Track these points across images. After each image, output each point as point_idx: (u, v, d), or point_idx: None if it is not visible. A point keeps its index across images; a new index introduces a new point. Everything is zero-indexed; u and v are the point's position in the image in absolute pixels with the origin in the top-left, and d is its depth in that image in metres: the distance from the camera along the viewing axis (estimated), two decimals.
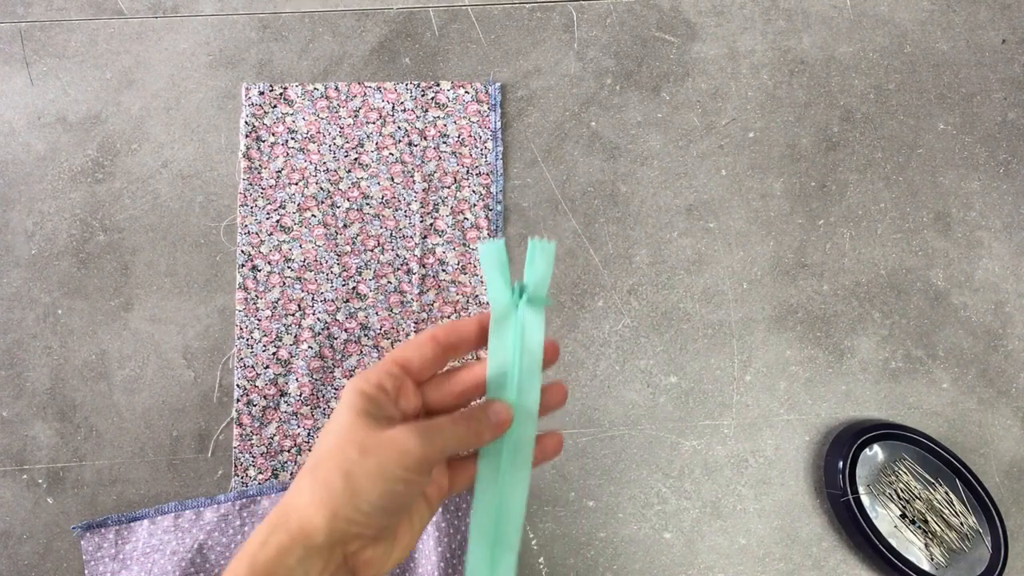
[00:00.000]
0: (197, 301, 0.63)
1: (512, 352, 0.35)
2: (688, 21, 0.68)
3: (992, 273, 0.65)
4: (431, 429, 0.32)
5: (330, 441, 0.32)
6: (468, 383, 0.36)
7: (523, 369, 0.35)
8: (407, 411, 0.34)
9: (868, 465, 0.60)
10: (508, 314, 0.35)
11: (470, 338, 0.35)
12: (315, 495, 0.31)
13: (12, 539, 0.60)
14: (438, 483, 0.35)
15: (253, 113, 0.65)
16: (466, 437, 0.33)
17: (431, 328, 0.35)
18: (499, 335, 0.35)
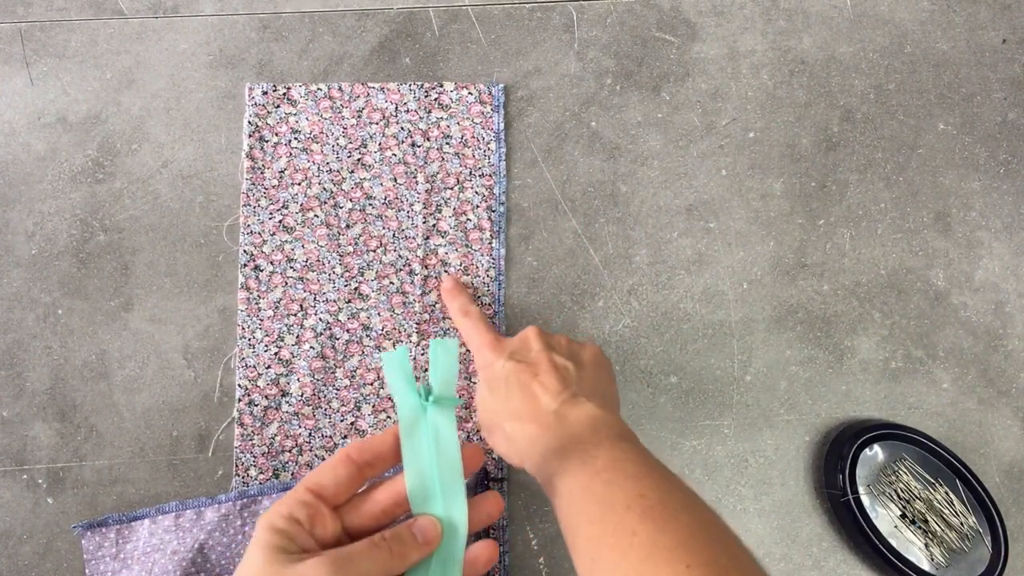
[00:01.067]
0: (197, 301, 0.63)
1: (428, 461, 0.33)
2: (688, 21, 0.68)
3: (992, 273, 0.66)
4: (346, 558, 0.30)
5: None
6: (388, 501, 0.34)
7: (443, 478, 0.33)
8: (325, 539, 0.32)
9: (868, 465, 0.60)
10: (418, 420, 0.33)
11: (386, 453, 0.34)
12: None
13: (12, 539, 0.60)
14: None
15: (256, 113, 0.65)
16: (387, 561, 0.31)
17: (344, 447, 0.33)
18: (412, 444, 0.33)
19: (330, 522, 0.32)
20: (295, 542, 0.30)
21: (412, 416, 0.33)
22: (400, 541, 0.32)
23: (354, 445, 0.33)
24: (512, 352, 0.49)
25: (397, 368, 0.34)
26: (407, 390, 0.33)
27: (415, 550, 0.32)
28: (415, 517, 0.33)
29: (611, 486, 0.35)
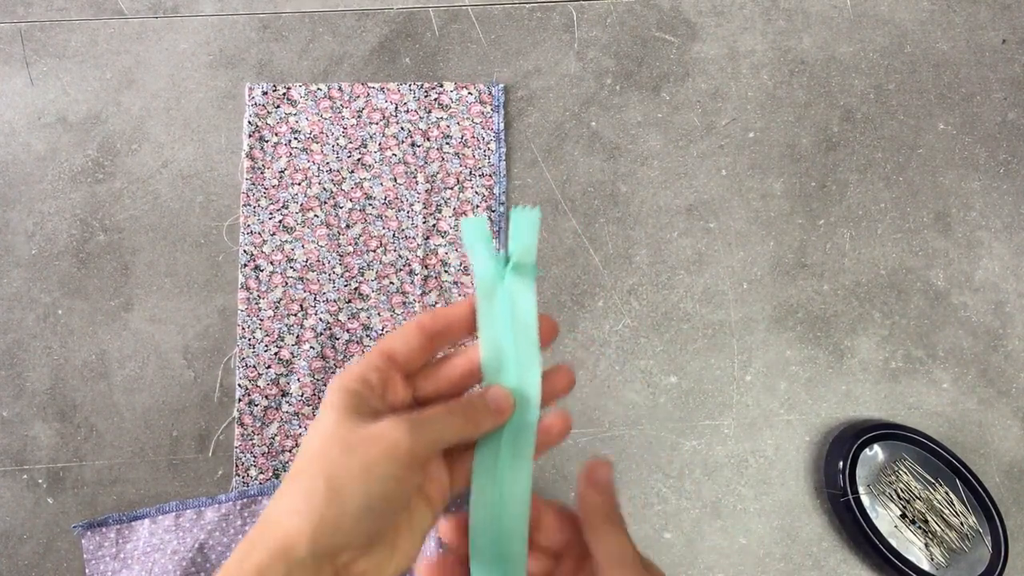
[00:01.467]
0: (197, 301, 0.63)
1: (504, 330, 0.32)
2: (688, 21, 0.69)
3: (992, 273, 0.66)
4: (422, 420, 0.29)
5: (313, 444, 0.29)
6: (462, 370, 0.33)
7: (519, 348, 0.32)
8: (395, 404, 0.31)
9: (868, 465, 0.60)
10: (495, 288, 0.32)
11: (460, 323, 0.32)
12: (295, 504, 0.28)
13: (12, 539, 0.60)
14: (438, 480, 0.31)
15: (256, 113, 0.65)
16: (462, 427, 0.31)
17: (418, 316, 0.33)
18: (488, 312, 0.32)
19: (401, 388, 0.31)
20: (367, 404, 0.30)
21: (489, 283, 0.32)
22: (474, 408, 0.31)
23: (427, 313, 0.32)
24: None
25: (477, 234, 0.32)
26: (486, 256, 0.32)
27: (488, 418, 0.31)
28: (487, 387, 0.32)
29: None
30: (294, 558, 0.27)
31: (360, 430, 0.28)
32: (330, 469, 0.28)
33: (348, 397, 0.29)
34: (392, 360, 0.31)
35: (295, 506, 0.27)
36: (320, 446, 0.29)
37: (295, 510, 0.27)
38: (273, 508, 0.28)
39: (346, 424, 0.29)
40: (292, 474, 0.29)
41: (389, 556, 0.29)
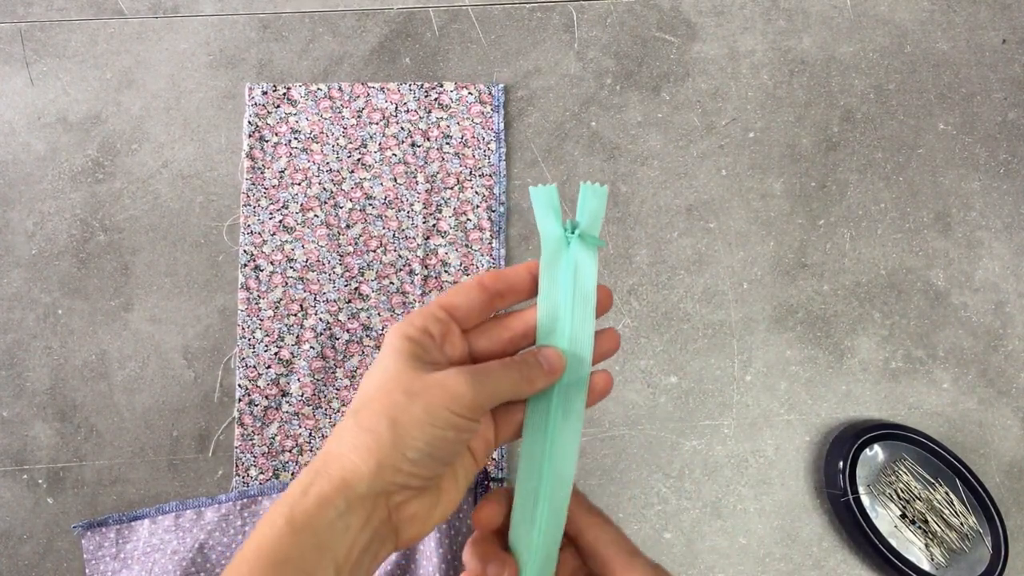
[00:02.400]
0: (197, 301, 0.63)
1: (565, 295, 0.33)
2: (688, 21, 0.68)
3: (992, 273, 0.66)
4: (482, 373, 0.31)
5: (374, 385, 0.30)
6: (517, 330, 0.34)
7: (575, 313, 0.33)
8: (452, 358, 0.32)
9: (868, 465, 0.60)
10: (559, 254, 0.33)
11: (519, 286, 0.34)
12: (358, 441, 0.29)
13: (12, 539, 0.60)
14: (483, 435, 0.33)
15: (256, 113, 0.65)
16: (518, 383, 0.32)
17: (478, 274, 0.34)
18: (551, 276, 0.33)
19: (459, 342, 0.32)
20: (428, 353, 0.31)
21: (555, 248, 0.33)
22: (529, 366, 0.32)
23: (489, 273, 0.33)
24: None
25: (546, 202, 0.33)
26: (554, 222, 0.33)
27: (541, 377, 0.32)
28: (541, 346, 0.33)
29: None
30: (355, 493, 0.28)
31: (424, 378, 0.29)
32: (394, 412, 0.29)
33: (411, 345, 0.30)
34: (452, 314, 0.32)
35: (360, 444, 0.28)
36: (382, 388, 0.30)
37: (360, 448, 0.28)
38: (336, 443, 0.29)
39: (409, 371, 0.30)
40: (354, 410, 0.30)
41: (435, 502, 0.31)
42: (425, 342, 0.31)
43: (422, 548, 0.55)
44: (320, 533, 0.27)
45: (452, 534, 0.55)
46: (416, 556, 0.55)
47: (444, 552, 0.54)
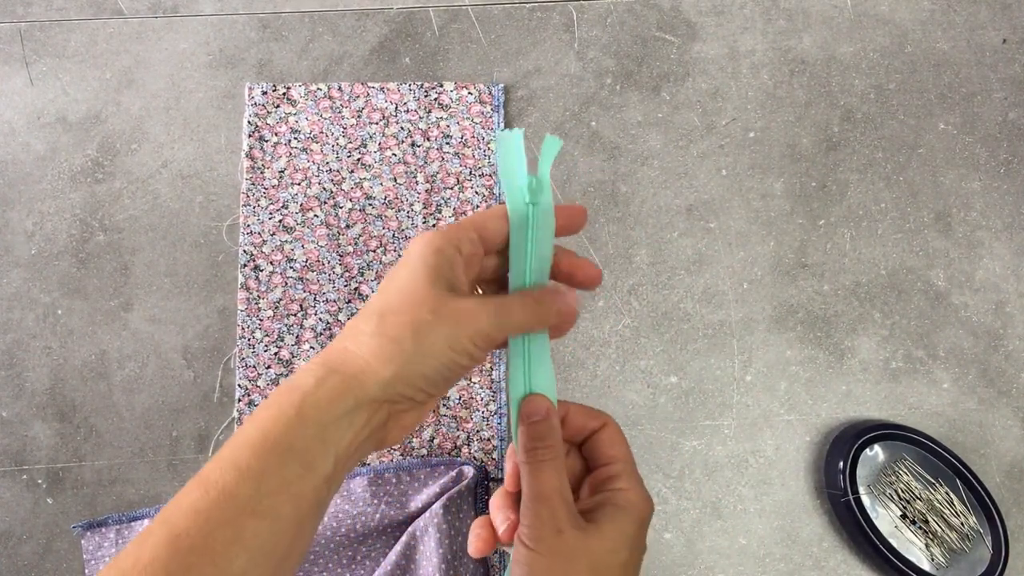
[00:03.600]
0: (197, 301, 0.63)
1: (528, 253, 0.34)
2: (688, 21, 0.68)
3: (993, 273, 0.65)
4: (504, 309, 0.31)
5: (399, 292, 0.30)
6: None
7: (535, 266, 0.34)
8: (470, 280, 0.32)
9: (868, 465, 0.60)
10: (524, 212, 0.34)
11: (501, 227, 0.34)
12: (382, 347, 0.30)
13: (12, 539, 0.60)
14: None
15: (256, 113, 0.65)
16: (531, 322, 0.33)
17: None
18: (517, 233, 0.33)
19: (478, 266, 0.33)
20: (453, 272, 0.31)
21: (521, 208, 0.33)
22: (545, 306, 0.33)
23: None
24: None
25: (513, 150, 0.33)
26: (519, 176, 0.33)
27: (554, 318, 0.33)
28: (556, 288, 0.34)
29: None
30: (366, 395, 0.29)
31: (450, 301, 0.30)
32: (419, 326, 0.30)
33: (439, 260, 0.31)
34: (482, 236, 0.32)
35: (383, 351, 0.29)
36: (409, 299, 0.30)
37: (381, 355, 0.29)
38: (355, 342, 0.30)
39: (435, 289, 0.30)
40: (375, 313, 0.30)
41: (421, 415, 0.32)
42: (455, 260, 0.31)
43: (422, 548, 0.55)
44: (327, 427, 0.28)
45: (452, 534, 0.55)
46: (416, 556, 0.55)
47: (444, 552, 0.54)
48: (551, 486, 0.33)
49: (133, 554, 0.26)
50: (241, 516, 0.27)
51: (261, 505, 0.27)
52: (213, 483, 0.27)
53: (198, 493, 0.27)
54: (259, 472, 0.27)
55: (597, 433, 0.37)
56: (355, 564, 0.57)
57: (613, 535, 0.33)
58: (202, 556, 0.26)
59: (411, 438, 0.61)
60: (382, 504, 0.57)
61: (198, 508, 0.27)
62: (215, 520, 0.27)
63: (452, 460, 0.60)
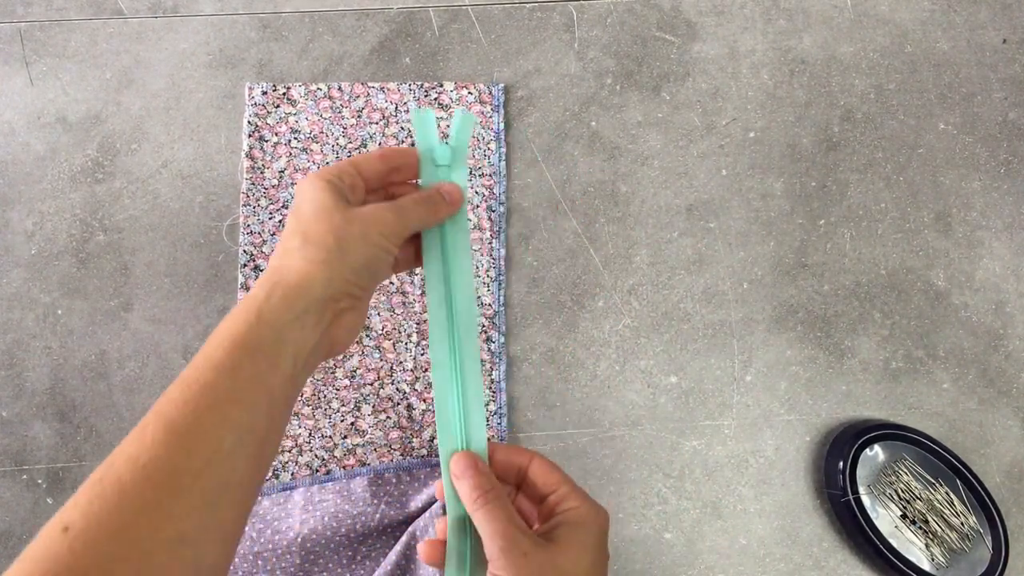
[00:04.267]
0: (197, 301, 0.63)
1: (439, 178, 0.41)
2: (688, 21, 0.68)
3: (993, 273, 0.65)
4: (401, 207, 0.38)
5: (310, 212, 0.36)
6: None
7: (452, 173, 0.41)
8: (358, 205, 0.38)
9: (869, 465, 0.60)
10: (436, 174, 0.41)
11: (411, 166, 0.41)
12: (311, 254, 0.35)
13: (12, 539, 0.60)
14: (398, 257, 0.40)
15: (256, 113, 0.65)
16: (427, 214, 0.39)
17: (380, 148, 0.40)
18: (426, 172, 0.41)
19: (362, 195, 0.39)
20: (347, 193, 0.37)
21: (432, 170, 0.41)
22: (434, 201, 0.40)
23: (388, 148, 0.41)
24: None
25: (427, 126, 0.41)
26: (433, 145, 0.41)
27: (445, 208, 0.40)
28: (440, 183, 0.41)
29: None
30: (312, 296, 0.34)
31: (354, 210, 0.36)
32: (337, 232, 0.35)
33: (331, 185, 0.37)
34: (359, 171, 0.39)
35: (313, 256, 0.35)
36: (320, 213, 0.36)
37: (313, 260, 0.35)
38: (286, 257, 0.35)
39: (339, 203, 0.36)
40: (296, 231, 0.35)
41: (360, 317, 0.38)
42: (342, 187, 0.37)
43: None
44: (283, 329, 0.33)
45: None
46: (416, 556, 0.55)
47: None
48: (504, 519, 0.36)
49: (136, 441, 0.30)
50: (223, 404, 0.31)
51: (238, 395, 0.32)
52: (195, 380, 0.31)
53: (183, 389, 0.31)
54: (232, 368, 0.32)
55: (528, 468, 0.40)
56: (355, 564, 0.57)
57: (574, 547, 0.36)
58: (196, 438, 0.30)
59: (411, 438, 0.61)
60: (382, 504, 0.57)
61: (186, 399, 0.31)
62: (202, 408, 0.31)
63: None
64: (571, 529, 0.38)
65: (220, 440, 0.31)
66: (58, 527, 0.27)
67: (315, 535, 0.56)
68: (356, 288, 0.36)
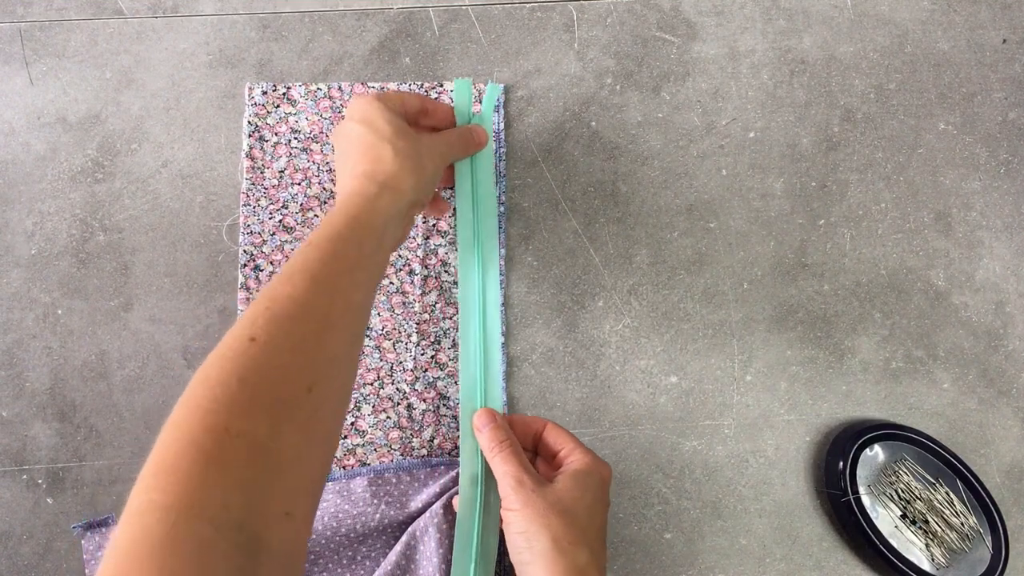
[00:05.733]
0: (197, 301, 0.63)
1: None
2: (688, 21, 0.68)
3: (993, 273, 0.65)
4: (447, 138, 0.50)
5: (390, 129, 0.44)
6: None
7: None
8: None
9: (869, 465, 0.60)
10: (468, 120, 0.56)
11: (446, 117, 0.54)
12: (403, 164, 0.43)
13: (12, 539, 0.60)
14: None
15: (256, 113, 0.65)
16: (465, 147, 0.52)
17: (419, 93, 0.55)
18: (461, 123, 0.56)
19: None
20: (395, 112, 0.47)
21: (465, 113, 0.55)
22: (469, 136, 0.53)
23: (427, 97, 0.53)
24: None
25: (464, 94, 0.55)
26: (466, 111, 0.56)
27: (475, 146, 0.53)
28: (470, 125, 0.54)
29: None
30: (406, 199, 0.44)
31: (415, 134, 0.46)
32: (419, 149, 0.45)
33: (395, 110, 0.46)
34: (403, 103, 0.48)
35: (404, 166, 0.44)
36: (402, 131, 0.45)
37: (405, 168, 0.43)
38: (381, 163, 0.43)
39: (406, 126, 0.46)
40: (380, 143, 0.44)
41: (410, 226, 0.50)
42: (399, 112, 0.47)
43: (422, 549, 0.55)
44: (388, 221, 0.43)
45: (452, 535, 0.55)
46: (416, 556, 0.55)
47: (444, 552, 0.54)
48: (516, 463, 0.44)
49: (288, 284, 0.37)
50: (353, 268, 0.39)
51: (363, 262, 0.40)
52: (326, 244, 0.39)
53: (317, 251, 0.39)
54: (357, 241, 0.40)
55: (542, 434, 0.49)
56: (355, 564, 0.57)
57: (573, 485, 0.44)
58: (336, 291, 0.38)
59: (411, 438, 0.61)
60: (382, 504, 0.57)
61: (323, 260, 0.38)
62: (338, 269, 0.38)
63: (452, 460, 0.60)
64: (574, 474, 0.45)
65: (352, 295, 0.39)
66: (246, 338, 0.34)
67: (315, 535, 0.56)
68: (426, 197, 0.46)
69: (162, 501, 0.28)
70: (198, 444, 0.30)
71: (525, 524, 0.42)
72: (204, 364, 0.34)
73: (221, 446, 0.31)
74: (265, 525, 0.30)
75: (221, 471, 0.30)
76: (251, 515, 0.30)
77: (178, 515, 0.28)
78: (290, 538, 0.32)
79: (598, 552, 0.42)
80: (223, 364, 0.34)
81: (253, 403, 0.33)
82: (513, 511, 0.43)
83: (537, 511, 0.41)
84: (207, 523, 0.28)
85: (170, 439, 0.31)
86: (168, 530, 0.27)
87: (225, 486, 0.30)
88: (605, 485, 0.47)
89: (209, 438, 0.31)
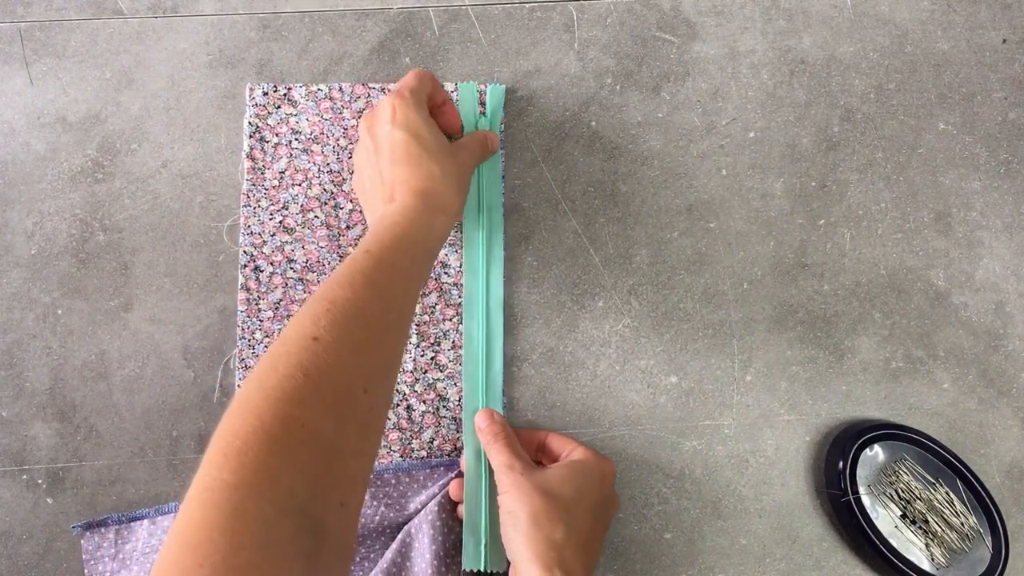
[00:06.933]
0: (197, 301, 0.63)
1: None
2: (688, 21, 0.68)
3: (993, 273, 0.65)
4: (471, 147, 0.56)
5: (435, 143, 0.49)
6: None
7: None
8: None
9: (869, 465, 0.60)
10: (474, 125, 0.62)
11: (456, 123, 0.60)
12: (451, 184, 0.49)
13: (12, 539, 0.60)
14: None
15: (256, 113, 0.65)
16: (484, 154, 0.59)
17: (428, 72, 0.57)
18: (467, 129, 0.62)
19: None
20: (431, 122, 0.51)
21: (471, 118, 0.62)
22: (487, 142, 0.59)
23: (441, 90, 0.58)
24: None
25: (469, 97, 0.62)
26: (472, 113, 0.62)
27: (489, 152, 0.60)
28: (484, 131, 0.60)
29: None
30: (453, 220, 0.51)
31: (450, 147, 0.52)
32: (455, 165, 0.51)
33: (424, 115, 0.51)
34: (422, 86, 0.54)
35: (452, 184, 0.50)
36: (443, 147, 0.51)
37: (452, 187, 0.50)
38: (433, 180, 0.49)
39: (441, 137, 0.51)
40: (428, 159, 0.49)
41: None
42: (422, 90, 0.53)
43: (416, 545, 0.55)
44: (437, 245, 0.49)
45: (446, 532, 0.55)
46: (411, 553, 0.55)
47: (437, 549, 0.54)
48: (509, 451, 0.49)
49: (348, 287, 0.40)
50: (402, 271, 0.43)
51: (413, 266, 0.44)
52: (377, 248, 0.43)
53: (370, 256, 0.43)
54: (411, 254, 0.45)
55: (545, 441, 0.55)
56: (354, 565, 0.57)
57: (564, 471, 0.48)
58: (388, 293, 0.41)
59: (411, 439, 0.61)
60: (381, 506, 0.57)
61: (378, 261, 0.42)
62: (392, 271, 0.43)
63: (452, 461, 0.60)
64: (569, 463, 0.49)
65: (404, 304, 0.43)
66: (309, 337, 0.36)
67: None
68: (461, 207, 0.52)
69: (232, 480, 0.30)
70: (267, 430, 0.32)
71: (512, 504, 0.46)
72: (267, 356, 0.36)
73: (289, 434, 0.32)
74: (325, 512, 0.32)
75: (288, 458, 0.32)
76: (313, 502, 0.32)
77: (245, 495, 0.30)
78: (345, 526, 0.34)
79: (581, 533, 0.45)
80: (288, 359, 0.35)
81: (318, 397, 0.34)
82: (503, 494, 0.47)
83: (522, 491, 0.45)
84: (272, 505, 0.30)
85: (239, 423, 0.33)
86: (236, 506, 0.29)
87: (292, 473, 0.32)
88: (604, 478, 0.51)
89: (278, 425, 0.32)
